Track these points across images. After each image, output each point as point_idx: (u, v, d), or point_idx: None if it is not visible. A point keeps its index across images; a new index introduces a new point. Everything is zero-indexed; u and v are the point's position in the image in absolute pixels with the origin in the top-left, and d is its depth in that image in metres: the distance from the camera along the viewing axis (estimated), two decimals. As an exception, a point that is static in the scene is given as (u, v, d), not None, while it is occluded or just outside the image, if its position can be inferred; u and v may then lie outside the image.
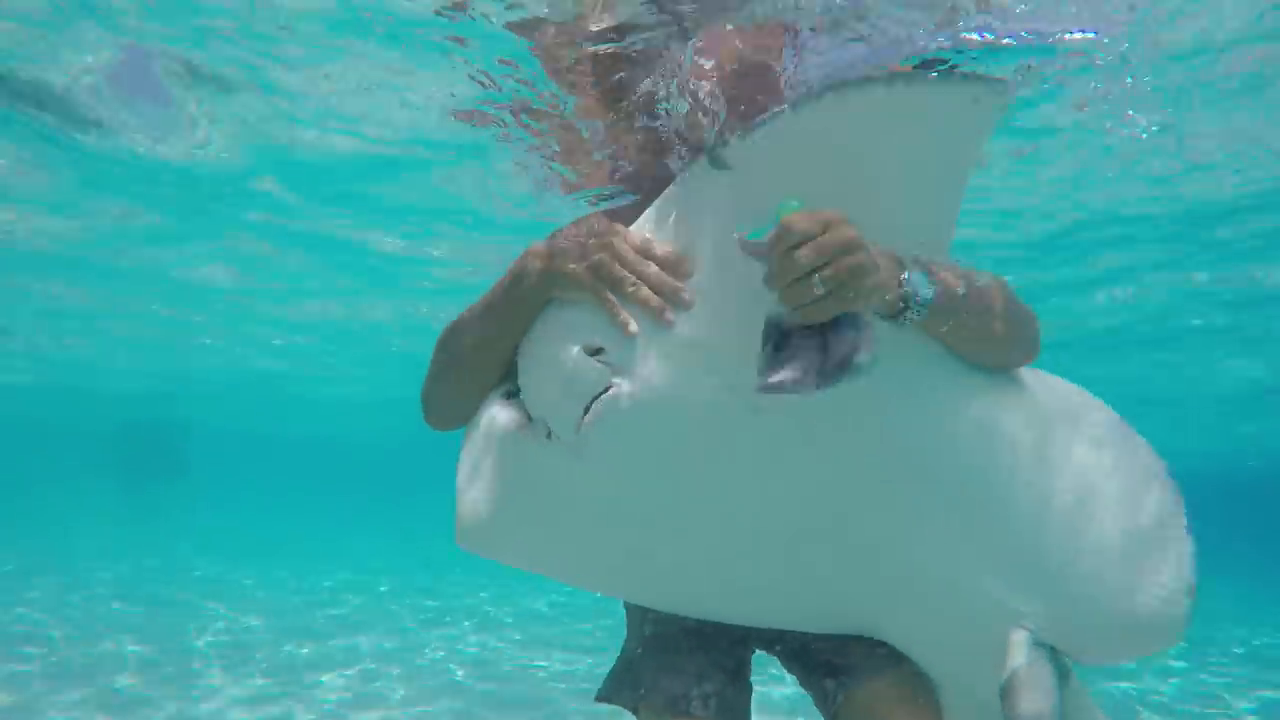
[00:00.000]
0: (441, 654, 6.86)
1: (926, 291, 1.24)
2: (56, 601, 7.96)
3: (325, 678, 5.92)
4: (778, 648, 1.79)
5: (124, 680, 5.58)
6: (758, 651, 1.83)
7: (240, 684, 5.64)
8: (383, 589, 10.17)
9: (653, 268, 1.29)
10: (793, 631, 1.72)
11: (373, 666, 6.32)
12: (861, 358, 1.11)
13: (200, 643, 6.74)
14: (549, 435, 1.40)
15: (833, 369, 1.11)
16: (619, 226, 1.34)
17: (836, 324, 1.13)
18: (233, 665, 6.11)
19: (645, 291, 1.29)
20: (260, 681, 5.74)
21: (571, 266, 1.32)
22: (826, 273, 1.08)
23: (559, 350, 1.35)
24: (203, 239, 6.98)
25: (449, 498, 1.52)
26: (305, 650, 6.70)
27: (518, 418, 1.44)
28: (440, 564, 12.02)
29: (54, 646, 6.32)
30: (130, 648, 6.41)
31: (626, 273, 1.29)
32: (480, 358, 1.45)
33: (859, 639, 1.65)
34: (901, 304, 1.23)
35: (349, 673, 6.11)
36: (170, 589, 9.22)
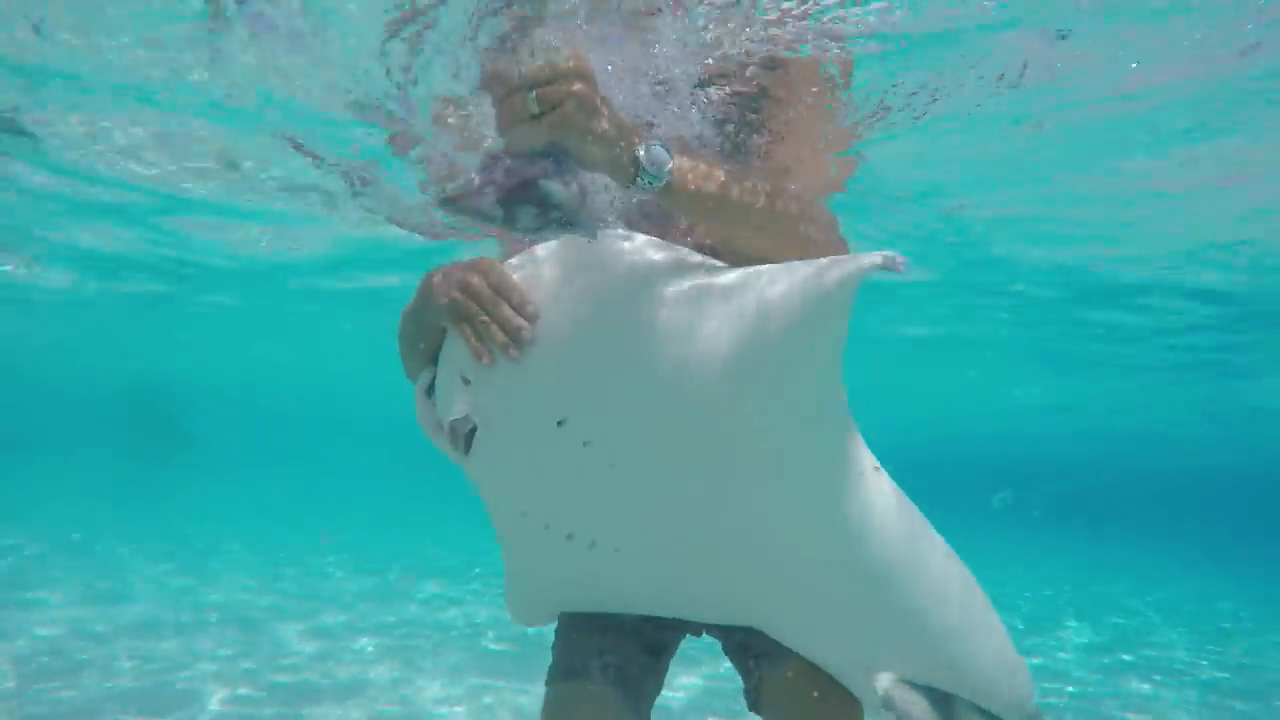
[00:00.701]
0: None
1: (663, 166, 1.26)
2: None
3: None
4: (704, 633, 1.87)
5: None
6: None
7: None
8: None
9: (505, 308, 1.39)
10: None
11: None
12: (558, 197, 1.17)
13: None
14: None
15: (520, 196, 1.16)
16: (489, 266, 1.45)
17: (557, 170, 1.17)
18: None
19: (493, 328, 1.39)
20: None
21: (438, 302, 1.47)
22: (547, 90, 1.12)
23: (445, 373, 1.53)
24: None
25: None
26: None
27: (433, 420, 1.61)
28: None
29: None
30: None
31: (479, 310, 1.40)
32: (418, 348, 1.64)
33: None
34: (633, 170, 1.24)
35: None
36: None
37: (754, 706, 1.76)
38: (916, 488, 1.69)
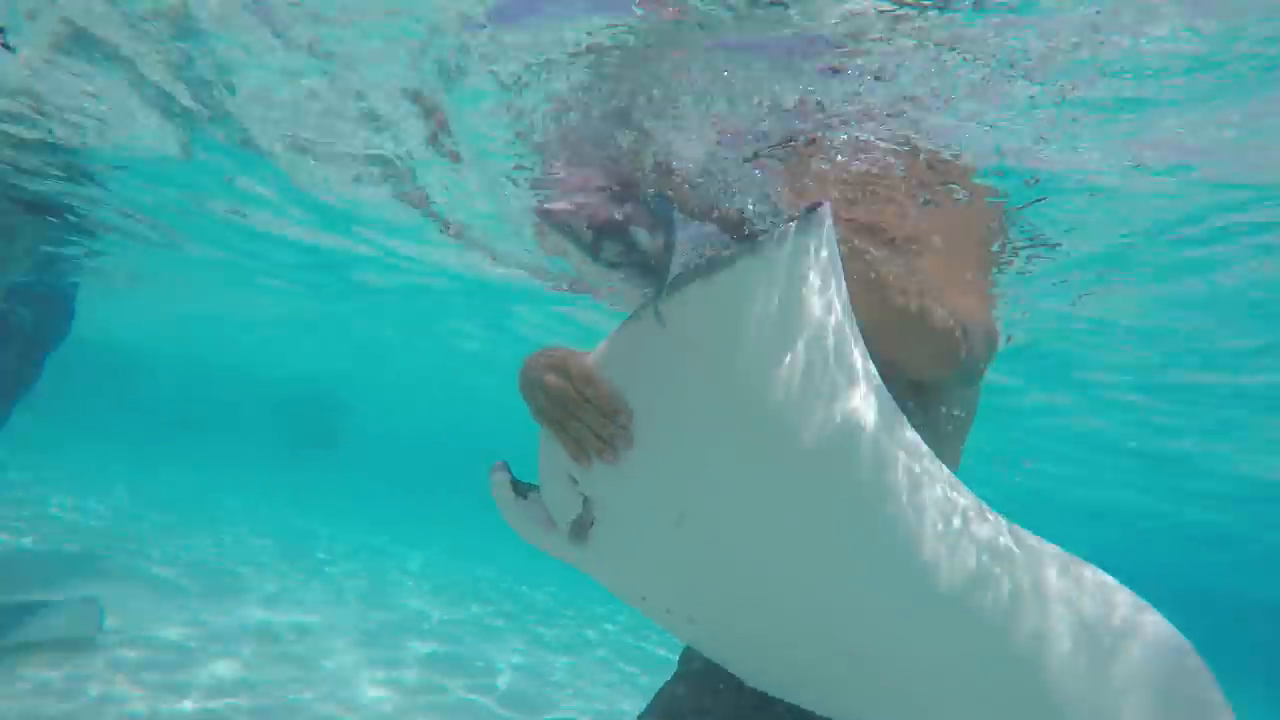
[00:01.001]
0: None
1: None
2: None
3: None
4: None
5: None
6: None
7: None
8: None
9: (594, 413, 1.32)
10: None
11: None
12: (644, 245, 1.36)
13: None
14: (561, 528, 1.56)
15: (610, 230, 1.36)
16: (572, 366, 1.35)
17: (654, 221, 1.34)
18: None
19: (586, 435, 1.35)
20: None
21: (531, 403, 1.43)
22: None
23: (550, 471, 1.49)
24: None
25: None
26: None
27: (543, 519, 1.57)
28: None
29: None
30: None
31: (567, 415, 1.35)
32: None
33: None
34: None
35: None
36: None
37: None
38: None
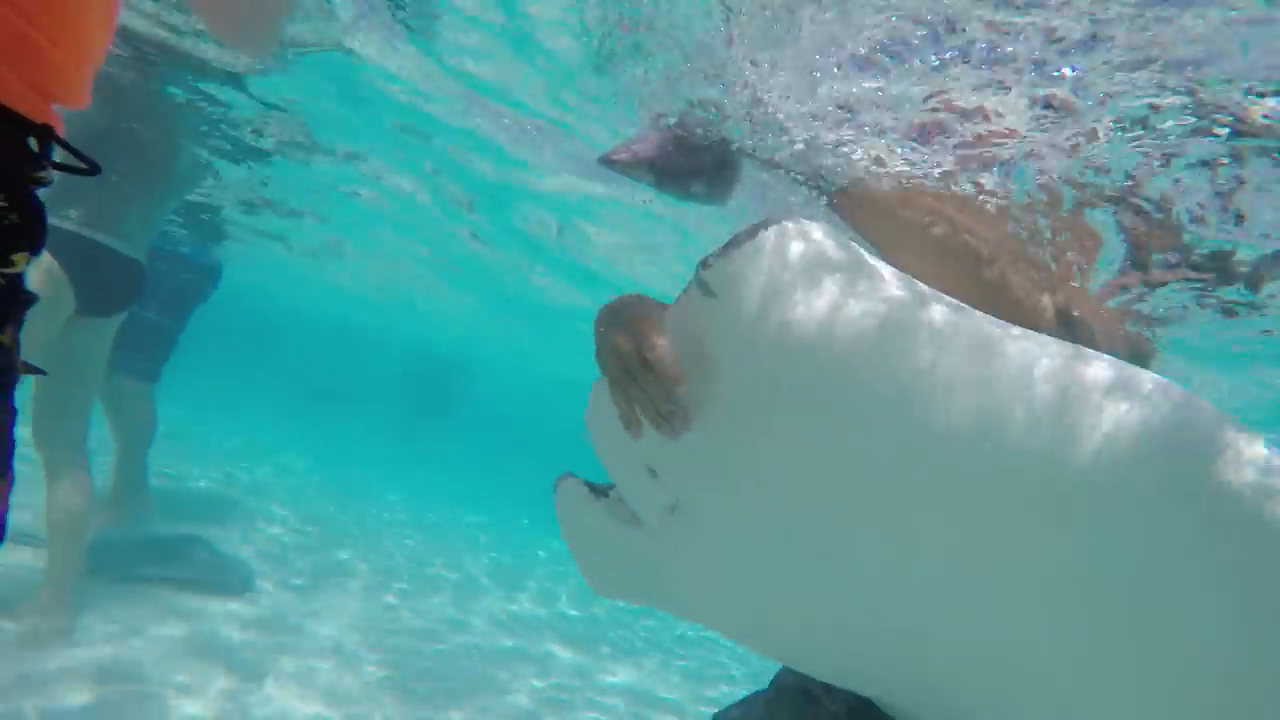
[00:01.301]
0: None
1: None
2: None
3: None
4: None
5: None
6: None
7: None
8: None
9: (655, 384, 1.24)
10: None
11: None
12: (699, 192, 1.41)
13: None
14: (639, 522, 1.50)
15: (671, 174, 1.35)
16: (642, 329, 1.28)
17: (711, 170, 1.37)
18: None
19: (646, 404, 1.27)
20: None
21: (598, 354, 1.37)
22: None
23: (626, 468, 1.43)
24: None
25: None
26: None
27: (627, 516, 1.50)
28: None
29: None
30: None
31: (630, 380, 1.28)
32: None
33: None
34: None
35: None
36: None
37: None
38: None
